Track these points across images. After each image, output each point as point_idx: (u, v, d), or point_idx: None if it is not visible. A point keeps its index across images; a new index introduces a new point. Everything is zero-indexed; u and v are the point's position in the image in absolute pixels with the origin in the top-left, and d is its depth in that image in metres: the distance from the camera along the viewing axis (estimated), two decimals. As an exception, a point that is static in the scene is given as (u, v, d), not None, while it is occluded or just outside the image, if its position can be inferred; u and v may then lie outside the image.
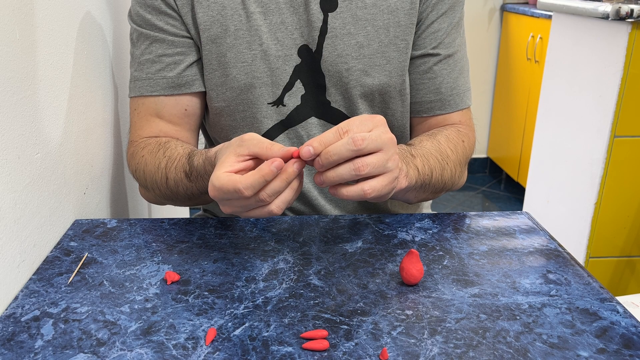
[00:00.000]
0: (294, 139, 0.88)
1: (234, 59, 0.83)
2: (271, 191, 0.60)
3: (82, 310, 0.60)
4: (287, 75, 0.85)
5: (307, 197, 0.91)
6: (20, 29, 0.67)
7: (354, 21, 0.83)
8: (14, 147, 0.65)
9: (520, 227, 0.81)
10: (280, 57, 0.84)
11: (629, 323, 0.59)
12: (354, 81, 0.85)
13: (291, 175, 0.60)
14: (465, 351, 0.54)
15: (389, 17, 0.84)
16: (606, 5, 1.58)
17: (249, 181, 0.59)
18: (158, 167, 0.81)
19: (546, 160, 2.01)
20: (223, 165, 0.62)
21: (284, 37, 0.83)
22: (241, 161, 0.62)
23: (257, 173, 0.59)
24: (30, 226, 0.69)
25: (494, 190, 3.27)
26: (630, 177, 1.71)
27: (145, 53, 0.85)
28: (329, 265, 0.70)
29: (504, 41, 3.16)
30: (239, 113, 0.86)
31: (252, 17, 0.83)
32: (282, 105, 0.86)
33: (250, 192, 0.60)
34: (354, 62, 0.84)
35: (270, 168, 0.59)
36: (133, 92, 0.88)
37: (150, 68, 0.85)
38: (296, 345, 0.55)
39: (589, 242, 1.78)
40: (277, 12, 0.83)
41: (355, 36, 0.84)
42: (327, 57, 0.84)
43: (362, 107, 0.87)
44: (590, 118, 1.74)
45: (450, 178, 0.84)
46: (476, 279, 0.67)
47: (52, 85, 0.76)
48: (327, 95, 0.86)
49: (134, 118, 0.89)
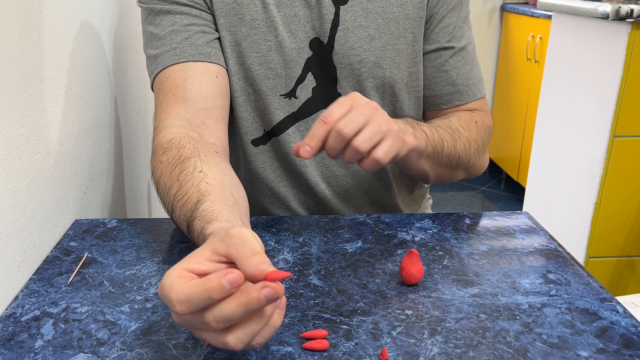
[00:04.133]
0: (304, 131, 0.89)
1: (249, 49, 0.83)
2: (220, 315, 0.44)
3: (82, 310, 0.60)
4: (299, 68, 0.85)
5: (314, 191, 0.92)
6: (20, 29, 0.67)
7: (365, 14, 0.84)
8: (14, 147, 0.65)
9: (520, 227, 0.81)
10: (294, 49, 0.84)
11: (629, 323, 0.59)
12: (366, 73, 0.86)
13: (252, 303, 0.43)
14: (465, 351, 0.54)
15: (398, 10, 0.85)
16: (606, 5, 1.58)
17: (185, 293, 0.44)
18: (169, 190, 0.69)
19: (546, 160, 2.01)
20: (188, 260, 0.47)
21: (297, 30, 0.84)
22: (214, 261, 0.47)
23: (201, 285, 0.43)
24: (30, 226, 0.69)
25: (494, 190, 3.27)
26: (630, 177, 1.71)
27: (167, 26, 0.80)
28: (329, 265, 0.70)
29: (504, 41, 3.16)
30: (251, 103, 0.86)
31: (267, 8, 0.83)
32: (294, 98, 0.87)
33: (183, 309, 0.44)
34: (365, 54, 0.85)
35: (220, 282, 0.43)
36: (156, 69, 0.80)
37: (175, 38, 0.80)
38: (296, 345, 0.55)
39: (588, 242, 1.78)
40: (290, 4, 0.83)
41: (366, 29, 0.85)
42: (339, 50, 0.85)
43: (373, 100, 0.88)
44: (590, 118, 1.74)
45: (464, 152, 0.84)
46: (476, 279, 0.67)
47: (52, 85, 0.76)
48: (339, 87, 0.87)
49: (159, 98, 0.80)
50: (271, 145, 0.90)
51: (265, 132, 0.89)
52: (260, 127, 0.88)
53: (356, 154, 0.63)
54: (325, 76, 0.86)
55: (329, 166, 0.91)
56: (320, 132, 0.63)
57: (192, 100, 0.77)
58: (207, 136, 0.78)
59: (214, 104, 0.79)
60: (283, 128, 0.88)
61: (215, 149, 0.76)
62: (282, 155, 0.90)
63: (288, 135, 0.88)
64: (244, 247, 0.46)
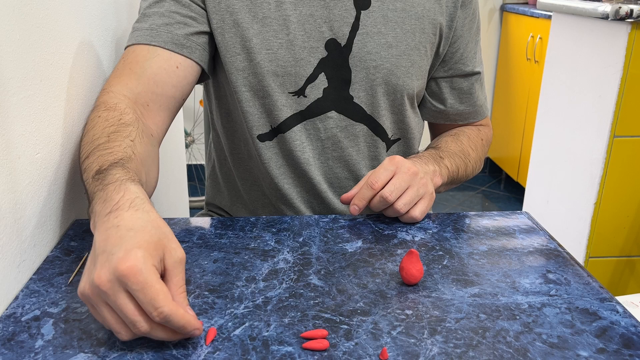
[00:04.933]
0: (310, 130, 0.89)
1: (259, 45, 0.84)
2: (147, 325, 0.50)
3: (82, 310, 0.60)
4: (311, 67, 0.86)
5: (316, 190, 0.92)
6: (20, 29, 0.67)
7: (385, 21, 0.86)
8: (14, 147, 0.65)
9: (520, 227, 0.81)
10: (306, 48, 0.85)
11: (629, 323, 0.59)
12: (380, 79, 0.87)
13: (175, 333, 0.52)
14: (465, 351, 0.54)
15: (415, 23, 0.87)
16: (606, 5, 1.58)
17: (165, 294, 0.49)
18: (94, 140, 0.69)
19: (546, 160, 2.01)
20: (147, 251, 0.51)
21: (311, 29, 0.85)
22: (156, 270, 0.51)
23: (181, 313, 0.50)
24: (30, 226, 0.69)
25: (494, 190, 3.27)
26: (630, 177, 1.71)
27: (154, 6, 0.82)
28: (329, 265, 0.70)
29: (504, 41, 3.16)
30: (259, 99, 0.87)
31: (282, 7, 0.84)
32: (303, 96, 0.87)
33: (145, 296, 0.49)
34: (382, 60, 0.86)
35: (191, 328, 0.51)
36: (129, 41, 0.83)
37: (156, 20, 0.82)
38: (296, 345, 0.55)
39: (588, 242, 1.78)
40: (308, 4, 0.84)
41: (385, 36, 0.86)
42: (356, 53, 0.86)
43: (383, 105, 0.90)
44: (590, 118, 1.74)
45: (471, 172, 0.97)
46: (476, 279, 0.67)
47: (52, 85, 0.76)
48: (351, 90, 0.88)
49: (118, 66, 0.82)
50: (277, 141, 0.90)
51: (272, 129, 0.89)
52: (267, 123, 0.89)
53: (396, 213, 0.77)
54: (339, 78, 0.87)
55: (332, 167, 0.92)
56: (367, 195, 0.76)
57: (144, 80, 0.80)
58: (146, 118, 0.80)
59: (163, 91, 0.81)
60: (290, 125, 0.88)
61: (151, 132, 0.79)
62: (287, 152, 0.90)
63: (294, 133, 0.89)
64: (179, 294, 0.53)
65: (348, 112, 0.89)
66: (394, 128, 0.94)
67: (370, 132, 0.91)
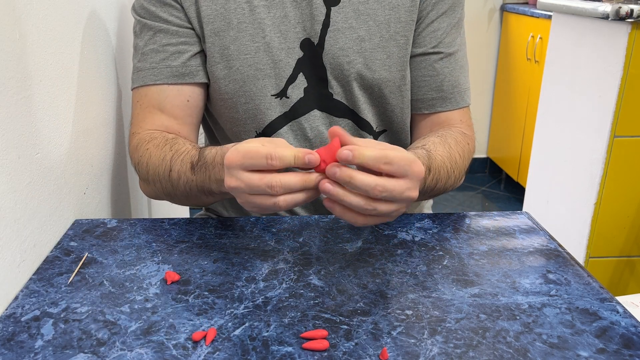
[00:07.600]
0: (297, 131, 0.89)
1: (237, 51, 0.84)
2: (285, 183, 0.59)
3: (82, 310, 0.60)
4: (290, 68, 0.86)
5: None
6: (20, 29, 0.67)
7: (356, 15, 0.85)
8: (14, 147, 0.65)
9: (520, 227, 0.81)
10: (284, 49, 0.85)
11: (629, 323, 0.59)
12: (354, 74, 0.86)
13: (310, 181, 0.60)
14: (465, 351, 0.54)
15: (390, 13, 0.86)
16: (606, 5, 1.58)
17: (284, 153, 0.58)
18: (163, 159, 0.80)
19: (546, 160, 2.01)
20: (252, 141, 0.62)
21: (287, 30, 0.85)
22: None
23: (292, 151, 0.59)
24: (30, 226, 0.69)
25: (494, 190, 3.27)
26: (630, 177, 1.71)
27: (149, 44, 0.86)
28: (329, 265, 0.70)
29: (504, 41, 3.16)
30: (242, 105, 0.87)
31: (255, 11, 0.84)
32: (286, 98, 0.87)
33: (278, 163, 0.59)
34: (354, 55, 0.85)
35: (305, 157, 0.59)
36: (136, 83, 0.88)
37: (154, 57, 0.86)
38: (296, 345, 0.55)
39: (588, 242, 1.78)
40: (281, 5, 0.84)
41: (356, 30, 0.85)
42: (328, 50, 0.85)
43: (362, 100, 0.89)
44: (590, 118, 1.74)
45: (452, 185, 0.85)
46: (476, 279, 0.67)
47: (52, 85, 0.76)
48: (329, 87, 0.88)
49: (136, 110, 0.88)
50: None
51: (257, 134, 0.89)
52: (252, 129, 0.89)
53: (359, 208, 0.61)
54: (316, 76, 0.87)
55: None
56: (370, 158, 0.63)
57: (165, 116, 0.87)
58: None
59: (184, 121, 0.88)
60: (275, 128, 0.88)
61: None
62: None
63: (281, 135, 0.89)
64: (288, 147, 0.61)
65: (330, 109, 0.89)
66: (377, 120, 0.92)
67: (355, 126, 0.91)
